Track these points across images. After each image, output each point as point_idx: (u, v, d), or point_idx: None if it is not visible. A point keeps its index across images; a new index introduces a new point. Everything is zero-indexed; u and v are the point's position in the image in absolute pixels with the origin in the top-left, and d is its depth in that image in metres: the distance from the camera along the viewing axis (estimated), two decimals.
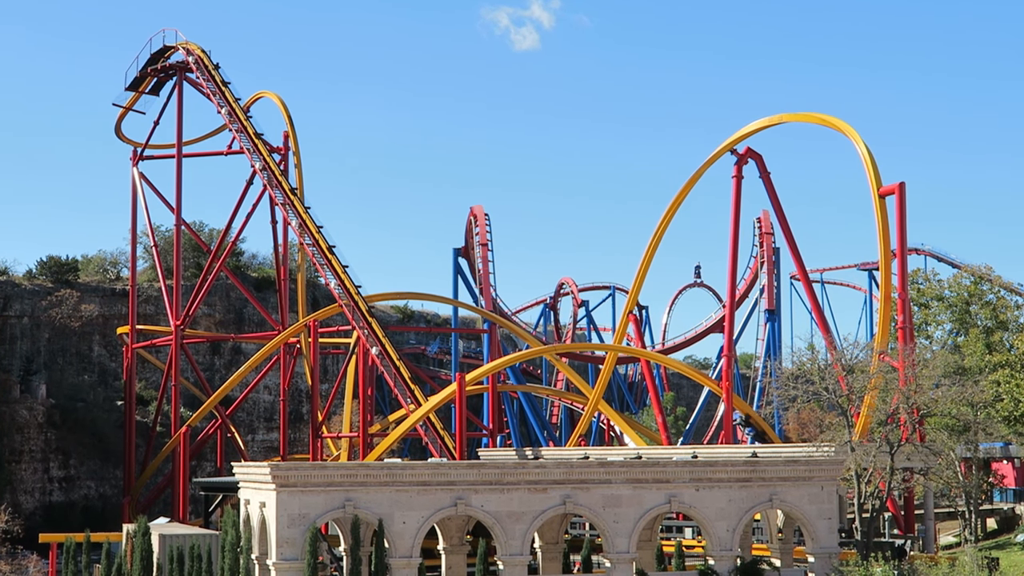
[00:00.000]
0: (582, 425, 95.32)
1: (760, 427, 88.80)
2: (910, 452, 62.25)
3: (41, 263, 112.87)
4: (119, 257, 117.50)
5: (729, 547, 52.62)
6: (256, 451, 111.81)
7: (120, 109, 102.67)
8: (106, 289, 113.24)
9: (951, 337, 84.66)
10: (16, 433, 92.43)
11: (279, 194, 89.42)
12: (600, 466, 53.01)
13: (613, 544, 51.43)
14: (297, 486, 48.07)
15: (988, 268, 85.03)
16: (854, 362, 62.02)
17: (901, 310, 75.08)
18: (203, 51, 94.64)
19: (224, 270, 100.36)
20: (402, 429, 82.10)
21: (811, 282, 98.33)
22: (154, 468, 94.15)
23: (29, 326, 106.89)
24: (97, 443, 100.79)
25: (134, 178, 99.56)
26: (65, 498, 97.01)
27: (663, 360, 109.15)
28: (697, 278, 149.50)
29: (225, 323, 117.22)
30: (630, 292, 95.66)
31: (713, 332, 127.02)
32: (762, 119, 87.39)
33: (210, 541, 54.14)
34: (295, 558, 47.61)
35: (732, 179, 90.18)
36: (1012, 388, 71.14)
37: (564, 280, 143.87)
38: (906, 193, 75.64)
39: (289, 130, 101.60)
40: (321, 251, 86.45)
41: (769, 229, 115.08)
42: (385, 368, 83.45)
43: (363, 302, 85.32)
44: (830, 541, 54.13)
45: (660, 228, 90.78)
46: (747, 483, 53.33)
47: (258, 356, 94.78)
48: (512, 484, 50.59)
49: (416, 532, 49.27)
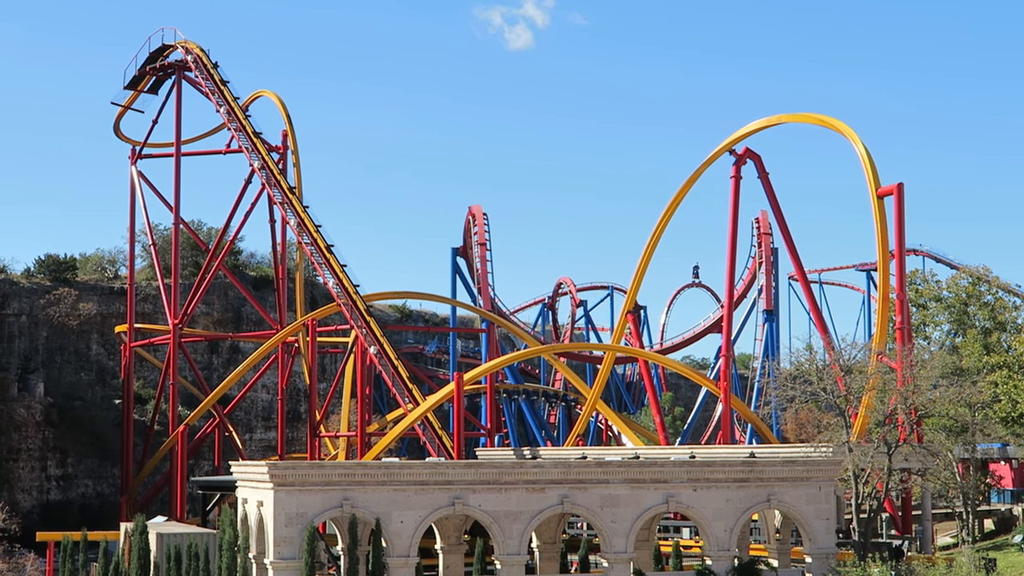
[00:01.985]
0: (580, 425, 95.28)
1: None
2: (908, 453, 62.26)
3: (39, 261, 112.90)
4: (117, 256, 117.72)
5: (727, 547, 52.63)
6: (254, 450, 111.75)
7: (119, 108, 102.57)
8: (104, 288, 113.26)
9: (949, 338, 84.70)
10: (14, 431, 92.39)
11: (278, 193, 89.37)
12: (598, 466, 53.00)
13: (611, 544, 51.44)
14: (295, 485, 48.06)
15: (986, 269, 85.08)
16: (852, 363, 62.04)
17: (899, 311, 75.07)
18: (202, 50, 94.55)
19: (222, 269, 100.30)
20: (400, 428, 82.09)
21: (809, 282, 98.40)
22: (152, 467, 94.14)
23: (27, 324, 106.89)
24: (95, 442, 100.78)
25: (133, 177, 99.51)
26: (63, 497, 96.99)
27: (661, 360, 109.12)
28: (695, 278, 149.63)
29: (223, 322, 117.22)
30: (628, 292, 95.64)
31: (711, 332, 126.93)
32: (761, 119, 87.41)
33: (207, 540, 54.11)
34: (293, 557, 47.61)
35: (731, 179, 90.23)
36: (1010, 389, 71.16)
37: (562, 280, 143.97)
38: (904, 194, 75.69)
39: (288, 129, 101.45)
40: (319, 250, 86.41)
41: (767, 229, 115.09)
42: (383, 367, 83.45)
43: (361, 301, 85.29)
44: (828, 542, 54.15)
45: (659, 228, 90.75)
46: (745, 483, 53.35)
47: (256, 355, 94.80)
48: (510, 484, 50.60)
49: (414, 531, 49.28)
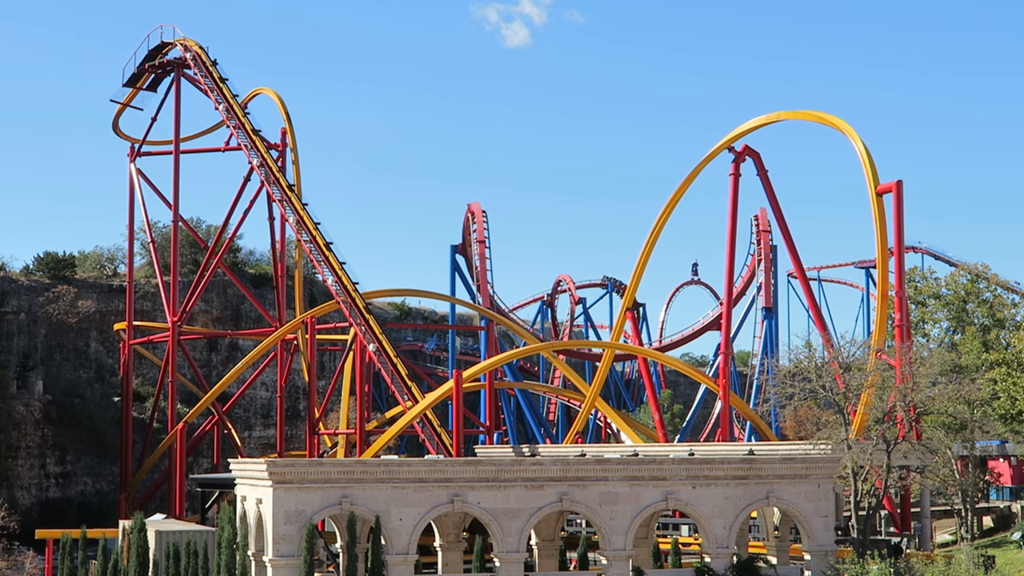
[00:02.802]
0: (579, 422, 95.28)
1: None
2: (907, 450, 62.27)
3: (38, 259, 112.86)
4: (116, 253, 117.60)
5: (726, 544, 52.68)
6: (253, 447, 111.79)
7: (118, 105, 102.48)
8: (103, 285, 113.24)
9: (948, 335, 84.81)
10: (13, 429, 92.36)
11: (276, 190, 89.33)
12: (597, 463, 53.01)
13: (610, 541, 51.48)
14: (294, 483, 48.08)
15: (985, 266, 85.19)
16: (851, 360, 62.03)
17: (898, 308, 75.10)
18: (201, 47, 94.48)
19: (221, 266, 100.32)
20: (399, 426, 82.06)
21: (808, 280, 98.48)
22: (151, 464, 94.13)
23: (26, 322, 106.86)
24: (94, 439, 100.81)
25: (131, 174, 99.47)
26: (62, 494, 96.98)
27: (660, 357, 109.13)
28: (694, 275, 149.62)
29: (222, 319, 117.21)
30: (627, 289, 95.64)
31: (710, 330, 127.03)
32: (760, 117, 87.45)
33: (206, 537, 54.12)
34: (292, 554, 47.63)
35: (730, 177, 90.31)
36: (1008, 386, 71.23)
37: (561, 277, 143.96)
38: (903, 191, 75.74)
39: (287, 126, 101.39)
40: (318, 247, 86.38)
41: (766, 227, 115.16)
42: (382, 365, 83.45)
43: (360, 299, 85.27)
44: (826, 539, 54.19)
45: (658, 225, 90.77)
46: (744, 480, 53.38)
47: (255, 352, 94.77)
48: (509, 481, 50.63)
49: (413, 529, 49.31)
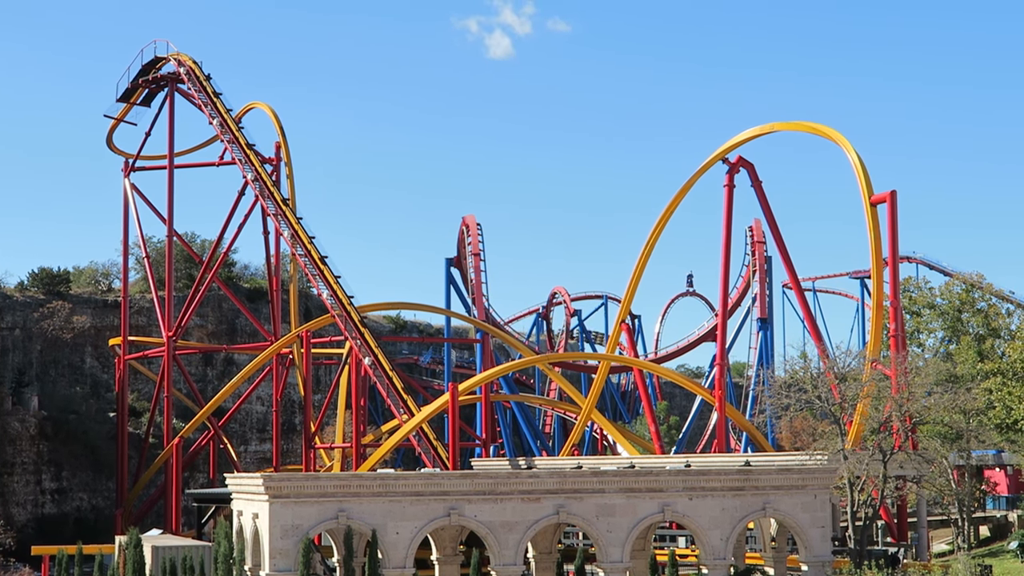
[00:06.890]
0: (575, 435, 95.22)
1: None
2: (903, 460, 62.31)
3: (33, 275, 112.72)
4: (111, 268, 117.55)
5: (723, 556, 52.62)
6: (249, 462, 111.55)
7: (112, 120, 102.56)
8: (98, 301, 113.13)
9: (943, 345, 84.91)
10: (8, 445, 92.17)
11: (271, 205, 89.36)
12: (593, 475, 52.96)
13: (607, 553, 51.41)
14: (290, 497, 48.01)
15: (979, 276, 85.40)
16: (846, 370, 62.15)
17: (893, 318, 75.19)
18: (194, 62, 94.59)
19: (216, 281, 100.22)
20: (395, 439, 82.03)
21: (803, 290, 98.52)
22: (147, 480, 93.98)
23: (21, 338, 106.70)
24: (89, 455, 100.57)
25: (126, 189, 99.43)
26: (57, 510, 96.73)
27: (656, 369, 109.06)
28: (689, 287, 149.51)
29: (217, 334, 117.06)
30: (622, 301, 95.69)
31: (705, 341, 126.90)
32: (754, 128, 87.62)
33: (203, 553, 54.06)
34: (288, 569, 47.53)
35: (724, 188, 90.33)
36: (1004, 396, 71.26)
37: (556, 289, 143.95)
38: (897, 201, 75.88)
39: (281, 141, 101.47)
40: (313, 261, 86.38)
41: (761, 238, 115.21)
42: (378, 378, 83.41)
43: (356, 312, 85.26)
44: (823, 549, 54.12)
45: (652, 237, 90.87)
46: (740, 492, 53.33)
47: (251, 367, 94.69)
48: (505, 494, 50.58)
49: (409, 542, 49.23)
